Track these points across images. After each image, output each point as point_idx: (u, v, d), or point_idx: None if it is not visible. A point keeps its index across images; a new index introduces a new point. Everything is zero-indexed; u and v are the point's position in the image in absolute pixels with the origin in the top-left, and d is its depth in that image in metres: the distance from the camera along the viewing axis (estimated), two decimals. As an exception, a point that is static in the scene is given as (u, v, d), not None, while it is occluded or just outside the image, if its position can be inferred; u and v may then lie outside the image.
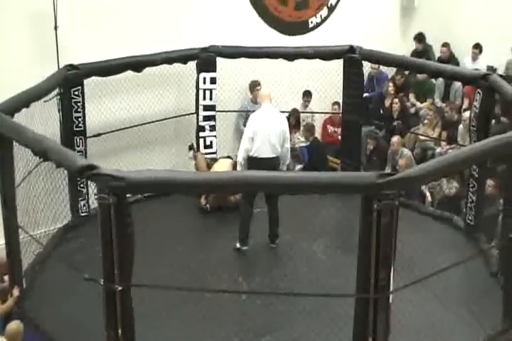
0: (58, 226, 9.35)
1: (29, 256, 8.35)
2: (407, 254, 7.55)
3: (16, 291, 7.73)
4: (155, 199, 9.71)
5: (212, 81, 10.67)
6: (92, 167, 5.99)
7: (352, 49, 10.42)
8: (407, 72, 12.52)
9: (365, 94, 11.94)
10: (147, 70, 10.13)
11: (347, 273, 6.63)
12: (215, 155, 10.86)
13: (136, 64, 9.95)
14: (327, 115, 12.71)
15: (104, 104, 10.10)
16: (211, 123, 10.85)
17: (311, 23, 12.51)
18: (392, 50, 10.91)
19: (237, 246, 8.85)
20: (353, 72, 10.53)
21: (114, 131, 10.24)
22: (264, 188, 6.33)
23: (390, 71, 12.88)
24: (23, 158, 7.62)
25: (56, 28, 9.57)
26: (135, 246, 6.01)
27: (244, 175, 6.41)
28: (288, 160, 9.14)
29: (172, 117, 10.93)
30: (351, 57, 10.42)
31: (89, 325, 7.01)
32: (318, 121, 12.66)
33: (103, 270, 6.00)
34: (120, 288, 5.99)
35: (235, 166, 9.65)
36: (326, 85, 11.32)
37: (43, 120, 8.73)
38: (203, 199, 9.96)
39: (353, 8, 12.83)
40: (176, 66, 10.48)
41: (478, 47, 12.46)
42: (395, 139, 11.34)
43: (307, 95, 12.24)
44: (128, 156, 10.45)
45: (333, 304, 7.17)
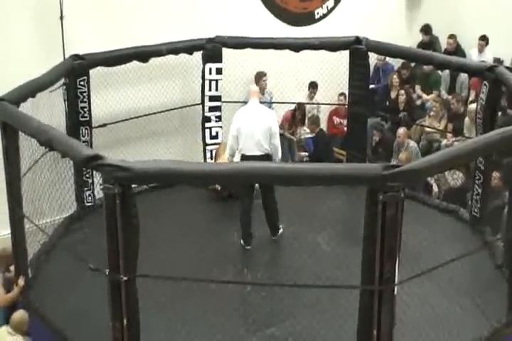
0: (63, 216, 9.37)
1: (34, 246, 8.37)
2: (412, 246, 7.55)
3: (21, 281, 7.75)
4: (160, 189, 9.72)
5: (218, 71, 10.65)
6: (97, 157, 5.98)
7: (358, 40, 10.38)
8: (413, 64, 12.49)
9: (371, 86, 11.93)
10: (153, 61, 10.12)
11: (352, 265, 6.63)
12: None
13: (142, 54, 9.94)
14: (333, 106, 12.69)
15: (109, 95, 10.10)
16: (217, 113, 10.84)
17: (317, 14, 12.49)
18: (399, 41, 10.86)
19: (241, 243, 8.81)
20: (359, 64, 10.50)
21: (120, 121, 10.24)
22: (269, 179, 6.30)
23: (396, 62, 12.85)
24: (29, 148, 7.63)
25: (62, 18, 9.59)
26: (140, 237, 6.01)
27: (249, 166, 6.39)
28: (278, 157, 8.83)
29: (178, 108, 10.91)
30: (357, 49, 10.38)
31: (94, 316, 7.01)
32: (323, 112, 12.64)
33: (108, 260, 6.00)
34: (125, 279, 5.99)
35: None
36: (331, 76, 11.29)
37: (48, 110, 8.72)
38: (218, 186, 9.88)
39: (359, -1, 12.81)
40: (182, 56, 10.47)
41: (484, 39, 12.41)
42: (401, 131, 11.32)
43: (313, 86, 12.21)
44: (133, 147, 10.46)
45: (337, 296, 7.17)
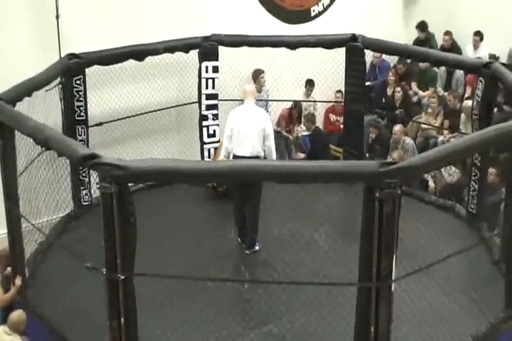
0: (60, 215, 9.37)
1: (31, 245, 8.36)
2: (409, 243, 7.53)
3: (19, 280, 7.75)
4: (157, 188, 9.72)
5: (215, 70, 10.64)
6: (93, 156, 5.98)
7: (354, 37, 10.39)
8: (408, 60, 12.49)
9: (368, 83, 11.94)
10: (149, 59, 10.11)
11: (349, 262, 6.63)
12: (218, 144, 10.85)
13: (138, 53, 9.94)
14: (329, 104, 12.69)
15: (106, 93, 10.09)
16: (214, 112, 10.82)
17: (313, 11, 12.47)
18: (395, 38, 10.87)
19: (239, 241, 8.84)
20: (355, 61, 10.51)
21: (116, 120, 10.24)
22: (266, 177, 6.31)
23: (392, 59, 12.84)
24: (25, 147, 7.62)
25: (58, 16, 9.58)
26: (137, 235, 6.01)
27: (246, 164, 6.40)
28: (273, 159, 8.67)
29: (174, 106, 10.92)
30: (353, 46, 10.39)
31: (92, 314, 7.03)
32: (320, 109, 12.64)
33: (105, 259, 6.00)
34: (122, 277, 5.99)
35: None
36: (328, 74, 11.29)
37: (44, 109, 8.72)
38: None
39: (355, -4, 12.80)
40: (178, 55, 10.47)
41: (478, 34, 12.36)
42: (397, 128, 11.32)
43: (310, 84, 12.21)
44: (130, 145, 10.46)
45: (335, 293, 7.18)
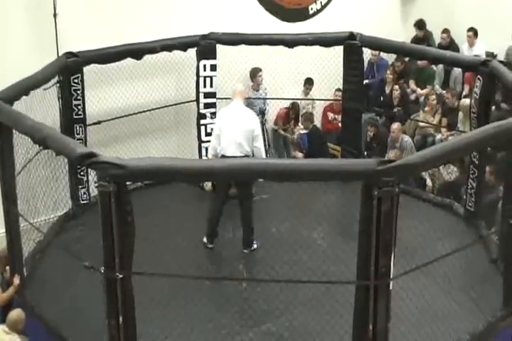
0: (58, 214, 9.36)
1: (29, 245, 8.36)
2: (407, 241, 7.56)
3: (17, 280, 7.75)
4: (155, 186, 9.72)
5: (213, 68, 10.62)
6: (92, 155, 5.97)
7: (352, 36, 10.38)
8: (406, 58, 12.49)
9: (366, 81, 11.94)
10: (147, 58, 10.10)
11: (347, 261, 6.64)
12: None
13: (136, 51, 9.92)
14: (327, 102, 12.69)
15: (104, 92, 10.08)
16: (212, 110, 10.79)
17: (311, 9, 12.47)
18: (393, 36, 10.87)
19: (204, 240, 8.75)
20: (353, 59, 10.50)
21: (114, 118, 10.23)
22: (264, 175, 6.31)
23: (390, 57, 12.85)
24: (23, 146, 7.61)
25: (55, 15, 9.57)
26: (135, 234, 6.01)
27: (245, 162, 6.40)
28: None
29: (172, 105, 10.91)
30: (351, 44, 10.38)
31: (90, 314, 7.02)
32: (318, 108, 12.64)
33: (103, 258, 6.00)
34: (121, 276, 5.99)
35: None
36: (326, 72, 11.28)
37: (42, 108, 8.70)
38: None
39: (353, -6, 12.78)
40: (176, 53, 10.45)
41: (472, 30, 12.34)
42: (395, 126, 11.32)
43: (309, 83, 12.20)
44: (128, 144, 10.44)
45: (333, 291, 7.17)
